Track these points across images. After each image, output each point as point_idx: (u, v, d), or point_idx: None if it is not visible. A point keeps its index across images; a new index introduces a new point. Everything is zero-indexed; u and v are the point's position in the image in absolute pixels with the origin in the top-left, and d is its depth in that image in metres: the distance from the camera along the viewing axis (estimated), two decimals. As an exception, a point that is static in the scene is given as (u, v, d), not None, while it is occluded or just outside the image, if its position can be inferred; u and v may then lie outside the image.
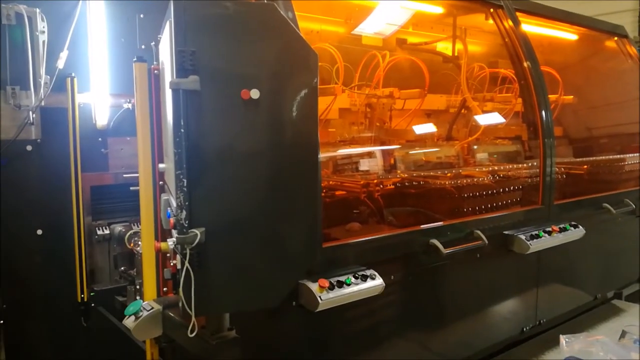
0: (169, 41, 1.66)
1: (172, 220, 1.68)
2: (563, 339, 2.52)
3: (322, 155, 2.60)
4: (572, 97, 3.86)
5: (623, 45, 4.42)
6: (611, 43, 4.44)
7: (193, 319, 1.61)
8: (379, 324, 2.47)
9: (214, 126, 1.60)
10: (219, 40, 1.61)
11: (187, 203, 1.56)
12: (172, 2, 1.56)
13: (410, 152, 3.35)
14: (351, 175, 2.95)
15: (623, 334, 2.67)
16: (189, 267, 1.56)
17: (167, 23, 1.70)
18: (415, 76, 3.24)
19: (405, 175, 3.03)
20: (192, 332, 1.62)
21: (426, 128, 3.55)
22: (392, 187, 2.91)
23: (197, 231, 1.55)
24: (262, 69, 1.66)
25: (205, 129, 1.59)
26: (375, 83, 3.10)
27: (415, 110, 3.32)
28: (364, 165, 3.04)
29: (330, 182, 2.82)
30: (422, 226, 2.59)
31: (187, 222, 1.57)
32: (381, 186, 2.85)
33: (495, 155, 3.58)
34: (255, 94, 1.62)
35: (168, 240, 1.76)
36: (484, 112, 3.58)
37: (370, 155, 3.13)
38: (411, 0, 3.26)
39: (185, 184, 1.56)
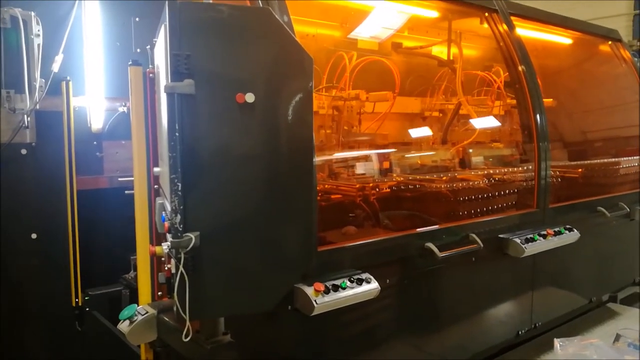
0: (164, 45, 1.66)
1: (166, 224, 1.67)
2: (557, 342, 2.52)
3: (318, 158, 2.60)
4: (551, 100, 3.84)
5: (617, 49, 4.45)
6: (605, 47, 4.47)
7: (187, 323, 1.61)
8: (374, 328, 2.47)
9: (209, 130, 1.60)
10: (214, 44, 1.61)
11: (181, 207, 1.56)
12: (166, 5, 1.56)
13: (406, 156, 3.35)
14: (346, 178, 2.94)
15: (617, 338, 2.68)
16: (183, 271, 1.56)
17: (162, 27, 1.70)
18: (391, 79, 3.18)
19: (400, 178, 3.03)
20: (186, 336, 1.62)
21: (408, 132, 3.55)
22: (388, 190, 2.91)
23: (191, 235, 1.55)
24: (257, 72, 1.66)
25: (200, 132, 1.59)
26: (343, 85, 3.03)
27: (385, 113, 3.22)
28: (360, 168, 3.04)
29: (326, 186, 2.81)
30: (418, 230, 2.59)
31: (181, 226, 1.56)
32: (377, 189, 2.85)
33: (491, 159, 3.59)
34: (250, 97, 1.62)
35: (163, 244, 1.75)
36: (478, 115, 3.59)
37: (365, 158, 3.12)
38: (407, 4, 3.27)
39: (179, 188, 1.56)
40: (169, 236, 1.63)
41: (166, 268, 1.94)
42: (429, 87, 3.70)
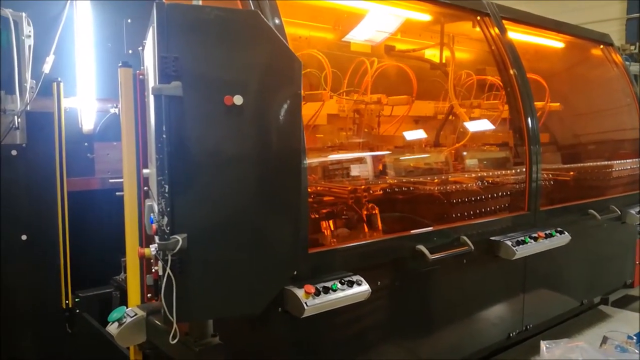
0: (152, 46, 1.65)
1: (154, 226, 1.67)
2: (543, 344, 2.53)
3: (310, 160, 2.62)
4: (558, 104, 3.90)
5: (609, 53, 4.48)
6: (597, 51, 4.50)
7: (174, 325, 1.60)
8: (365, 330, 2.47)
9: (197, 132, 1.60)
10: (203, 46, 1.61)
11: (168, 209, 1.56)
12: (154, 7, 1.55)
13: (401, 158, 3.37)
14: (340, 180, 2.95)
15: (604, 340, 2.69)
16: (170, 273, 1.55)
17: (151, 28, 1.70)
18: (404, 83, 3.26)
19: (394, 181, 3.04)
20: (173, 338, 1.61)
21: (415, 134, 3.57)
22: (381, 192, 2.91)
23: (178, 237, 1.55)
24: (245, 75, 1.66)
25: (188, 135, 1.59)
26: (364, 89, 3.11)
27: (403, 116, 3.33)
28: (353, 171, 3.05)
29: (319, 188, 2.82)
30: (409, 232, 2.59)
31: (168, 228, 1.56)
32: (370, 192, 2.85)
33: (485, 162, 3.61)
34: (238, 100, 1.61)
35: (150, 246, 1.75)
36: (472, 118, 3.60)
37: (358, 161, 3.13)
38: (399, 8, 3.28)
39: (166, 190, 1.55)
40: (156, 238, 1.63)
41: (154, 270, 1.93)
42: (441, 91, 3.72)
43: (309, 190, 2.33)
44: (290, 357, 2.22)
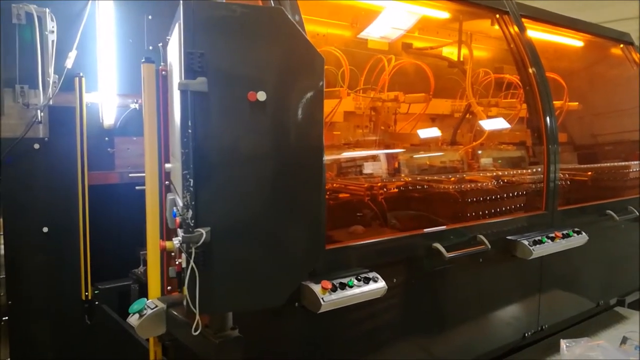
0: (177, 43, 1.67)
1: (178, 219, 1.69)
2: (563, 343, 2.52)
3: (327, 157, 2.64)
4: (577, 103, 3.88)
5: (629, 52, 4.43)
6: (617, 50, 4.45)
7: (197, 317, 1.63)
8: (380, 327, 2.49)
9: (221, 127, 1.62)
10: (227, 42, 1.63)
11: (193, 202, 1.58)
12: (181, 4, 1.57)
13: (415, 156, 3.36)
14: (355, 178, 2.96)
15: (624, 340, 2.67)
16: (194, 265, 1.58)
17: (176, 25, 1.72)
18: (421, 80, 3.27)
19: (409, 179, 3.04)
20: (196, 330, 1.64)
21: (431, 132, 3.58)
22: (396, 190, 2.92)
23: (202, 230, 1.57)
24: (269, 71, 1.68)
25: (212, 130, 1.61)
26: (381, 87, 3.13)
27: (420, 114, 3.34)
28: (368, 168, 3.06)
29: (335, 185, 2.83)
30: (425, 230, 2.60)
31: (193, 221, 1.58)
32: (385, 189, 2.86)
33: (499, 161, 3.59)
34: (262, 96, 1.63)
35: (173, 239, 1.77)
36: (489, 117, 3.59)
37: (374, 158, 3.14)
38: (417, 5, 3.28)
39: (191, 184, 1.58)
40: (180, 231, 1.65)
41: (177, 263, 1.96)
42: (458, 89, 3.72)
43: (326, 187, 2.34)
44: (305, 351, 2.25)
